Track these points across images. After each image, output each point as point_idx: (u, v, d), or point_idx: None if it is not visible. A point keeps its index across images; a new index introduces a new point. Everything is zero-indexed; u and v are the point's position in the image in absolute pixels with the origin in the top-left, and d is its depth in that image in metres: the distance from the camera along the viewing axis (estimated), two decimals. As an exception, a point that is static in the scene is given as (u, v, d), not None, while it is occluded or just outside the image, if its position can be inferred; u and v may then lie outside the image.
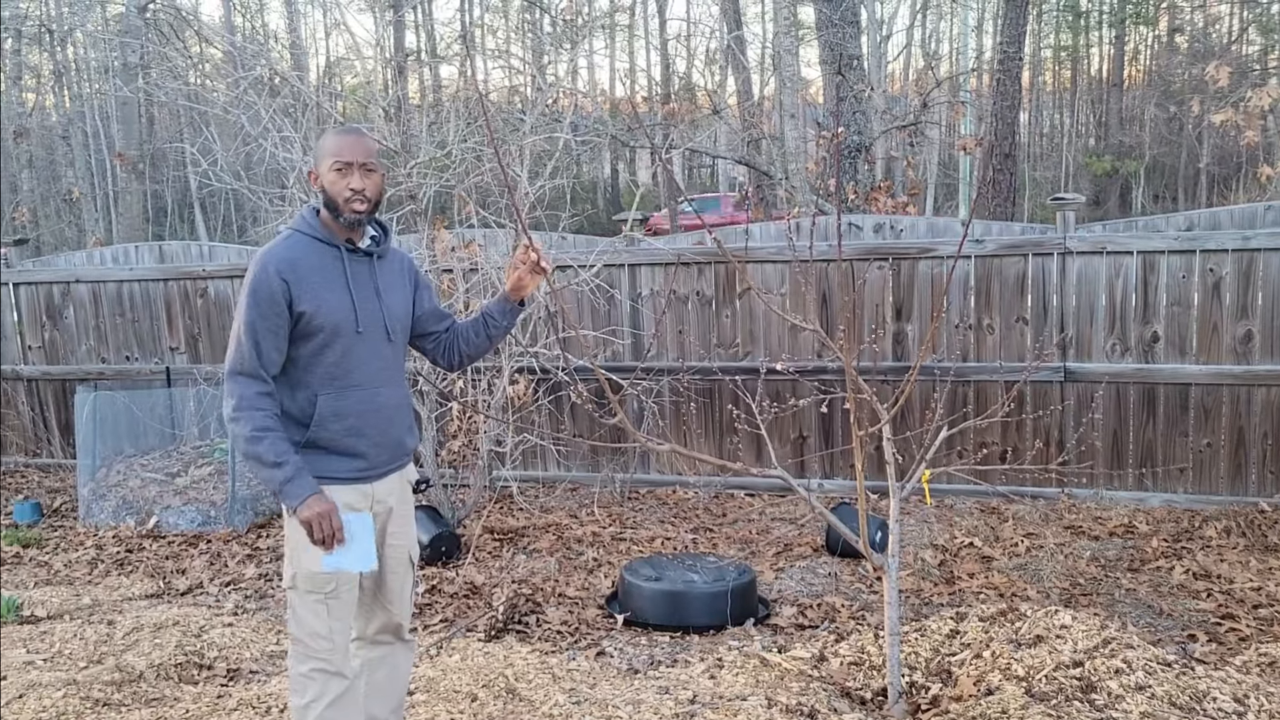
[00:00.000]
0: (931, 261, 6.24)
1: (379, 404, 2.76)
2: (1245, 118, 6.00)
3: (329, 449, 2.69)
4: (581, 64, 27.02)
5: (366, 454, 2.74)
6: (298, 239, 2.71)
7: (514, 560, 5.43)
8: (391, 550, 2.89)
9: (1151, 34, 36.63)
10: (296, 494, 2.58)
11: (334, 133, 2.77)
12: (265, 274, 2.61)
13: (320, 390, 2.68)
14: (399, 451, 2.86)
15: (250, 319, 2.60)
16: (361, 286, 2.74)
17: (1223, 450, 5.98)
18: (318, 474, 2.66)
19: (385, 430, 2.79)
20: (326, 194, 2.70)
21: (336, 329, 2.67)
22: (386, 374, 2.80)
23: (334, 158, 2.67)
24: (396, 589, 2.93)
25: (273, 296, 2.60)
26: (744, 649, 4.07)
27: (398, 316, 2.84)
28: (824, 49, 8.79)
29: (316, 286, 2.65)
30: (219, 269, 7.42)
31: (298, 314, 2.62)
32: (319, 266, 2.68)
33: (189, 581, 5.30)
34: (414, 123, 5.85)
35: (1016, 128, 10.72)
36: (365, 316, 2.72)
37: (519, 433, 6.04)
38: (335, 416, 2.68)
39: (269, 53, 7.86)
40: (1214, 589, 4.75)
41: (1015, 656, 3.55)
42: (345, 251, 2.74)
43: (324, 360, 2.68)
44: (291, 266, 2.64)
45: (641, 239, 6.52)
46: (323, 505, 2.59)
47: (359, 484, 2.74)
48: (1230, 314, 5.88)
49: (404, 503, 2.92)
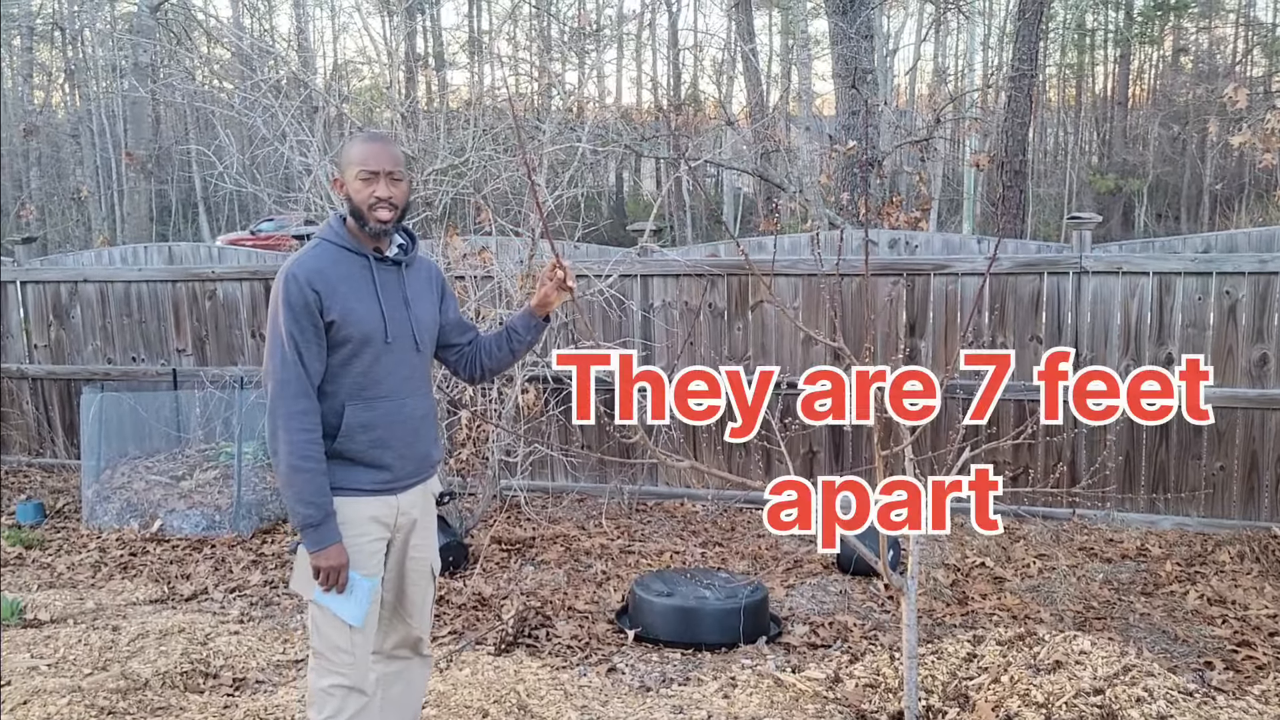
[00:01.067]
0: (946, 278, 6.20)
1: (405, 415, 2.73)
2: (1265, 139, 5.97)
3: (355, 460, 2.66)
4: (593, 73, 26.99)
5: (392, 466, 2.71)
6: (325, 248, 2.68)
7: (522, 571, 5.38)
8: (414, 563, 2.85)
9: (1157, 54, 36.72)
10: (320, 541, 2.57)
11: (360, 140, 2.73)
12: (296, 284, 2.57)
13: (348, 401, 2.64)
14: (425, 464, 2.83)
15: (289, 330, 2.55)
16: (390, 296, 2.71)
17: (1236, 474, 5.94)
18: (343, 485, 2.63)
19: (411, 442, 2.75)
20: (352, 202, 2.66)
21: (366, 339, 2.63)
22: (413, 384, 2.76)
23: (360, 165, 2.63)
24: (418, 602, 2.90)
25: (307, 306, 2.56)
26: (757, 668, 4.02)
27: (426, 326, 2.80)
28: (838, 62, 8.76)
29: (345, 296, 2.61)
30: (228, 271, 7.38)
31: (327, 323, 2.59)
32: (347, 276, 2.64)
33: (194, 587, 5.25)
34: (429, 128, 5.82)
35: (1026, 145, 10.70)
36: (394, 326, 2.68)
37: (529, 443, 6.00)
38: (362, 428, 2.65)
39: (279, 54, 7.84)
40: (1229, 615, 4.70)
41: (1034, 682, 3.50)
42: (373, 260, 2.70)
43: (352, 370, 2.64)
44: (321, 276, 2.60)
45: (655, 249, 6.48)
46: (339, 560, 2.59)
47: (384, 495, 2.71)
48: (1246, 337, 5.85)
49: (427, 514, 2.89)
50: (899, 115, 19.16)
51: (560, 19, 12.87)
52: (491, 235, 5.82)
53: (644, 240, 6.05)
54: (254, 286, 7.35)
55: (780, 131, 10.81)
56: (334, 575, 2.59)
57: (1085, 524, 6.07)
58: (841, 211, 8.25)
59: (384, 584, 2.77)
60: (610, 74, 31.09)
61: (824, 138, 9.22)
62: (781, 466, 6.32)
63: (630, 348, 6.56)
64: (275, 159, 5.98)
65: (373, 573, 2.70)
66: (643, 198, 33.70)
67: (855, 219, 8.20)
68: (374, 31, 24.52)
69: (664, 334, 6.65)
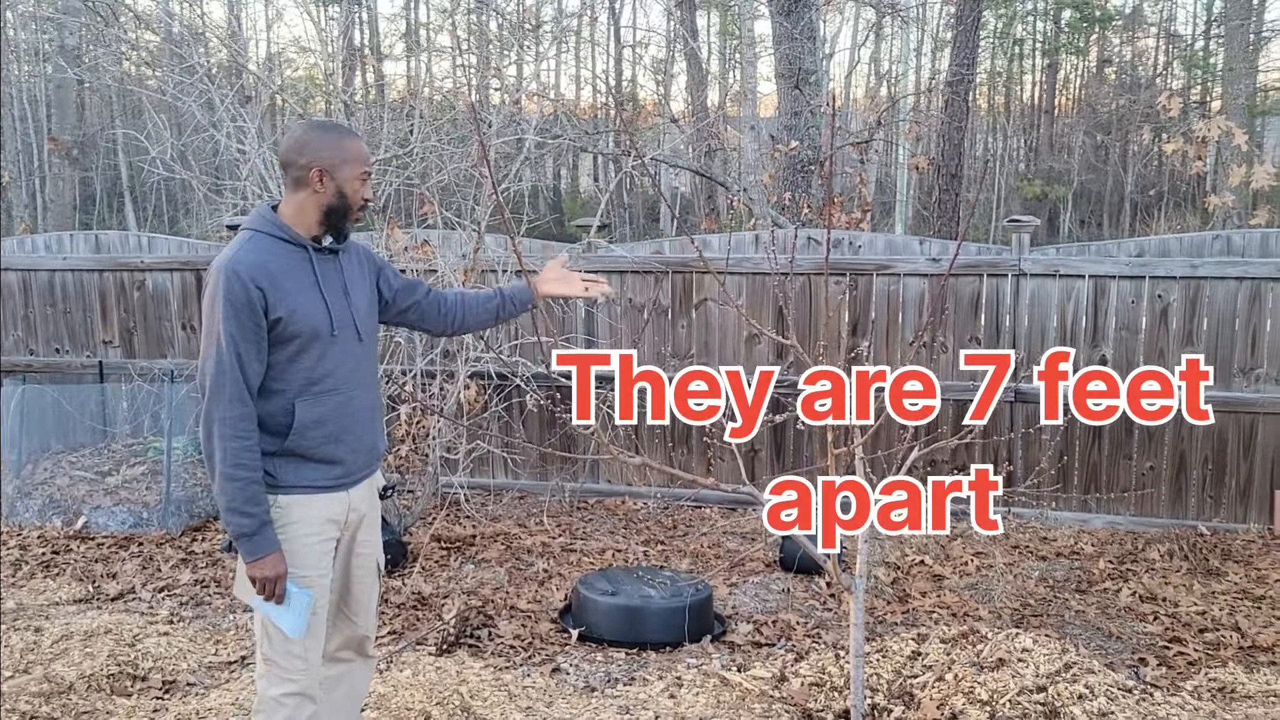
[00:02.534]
0: (888, 278, 6.26)
1: (355, 407, 2.67)
2: (1197, 147, 6.13)
3: (307, 456, 2.58)
4: (536, 68, 26.83)
5: (345, 460, 2.65)
6: (261, 240, 2.56)
7: (462, 570, 5.30)
8: (360, 559, 2.80)
9: (1082, 64, 37.65)
10: (255, 550, 2.48)
11: (351, 137, 2.67)
12: (239, 281, 2.45)
13: (296, 397, 2.56)
14: (373, 456, 2.78)
15: (230, 332, 2.44)
16: (331, 287, 2.63)
17: (1164, 474, 6.08)
18: (295, 484, 2.56)
19: (362, 435, 2.70)
20: (345, 199, 2.60)
21: (313, 333, 2.55)
22: (359, 376, 2.70)
23: (363, 165, 2.63)
24: (364, 600, 2.83)
25: (251, 305, 2.45)
26: (703, 668, 4.01)
27: (365, 315, 2.74)
28: (780, 62, 8.80)
29: (290, 291, 2.52)
30: (158, 261, 7.16)
31: (273, 320, 2.50)
32: (289, 269, 2.55)
33: (120, 586, 5.08)
34: (369, 119, 5.71)
35: (963, 149, 10.87)
36: (338, 318, 2.62)
37: (470, 440, 5.91)
38: (315, 424, 2.58)
39: (214, 38, 7.64)
40: (1160, 612, 4.80)
41: (978, 680, 3.53)
42: (312, 251, 2.61)
43: (299, 366, 2.56)
44: (264, 271, 2.50)
45: (602, 245, 6.44)
46: (275, 570, 2.50)
47: (336, 492, 2.65)
48: (1176, 340, 5.99)
49: (374, 509, 2.83)
50: (839, 117, 19.34)
51: (501, 14, 12.77)
52: (435, 228, 5.72)
53: (590, 236, 6.00)
54: (185, 277, 7.14)
55: (722, 130, 10.84)
56: (270, 586, 2.50)
57: (1021, 523, 6.17)
58: (784, 211, 8.28)
59: (329, 584, 2.69)
60: (551, 69, 30.92)
61: (765, 137, 9.26)
62: (723, 465, 6.33)
63: (574, 344, 6.51)
64: (208, 147, 5.82)
65: (323, 572, 2.63)
66: (581, 195, 33.61)
67: (797, 219, 8.24)
68: (311, 19, 24.06)
69: (609, 330, 6.61)
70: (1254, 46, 27.16)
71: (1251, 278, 5.85)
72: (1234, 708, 3.62)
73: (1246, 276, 5.85)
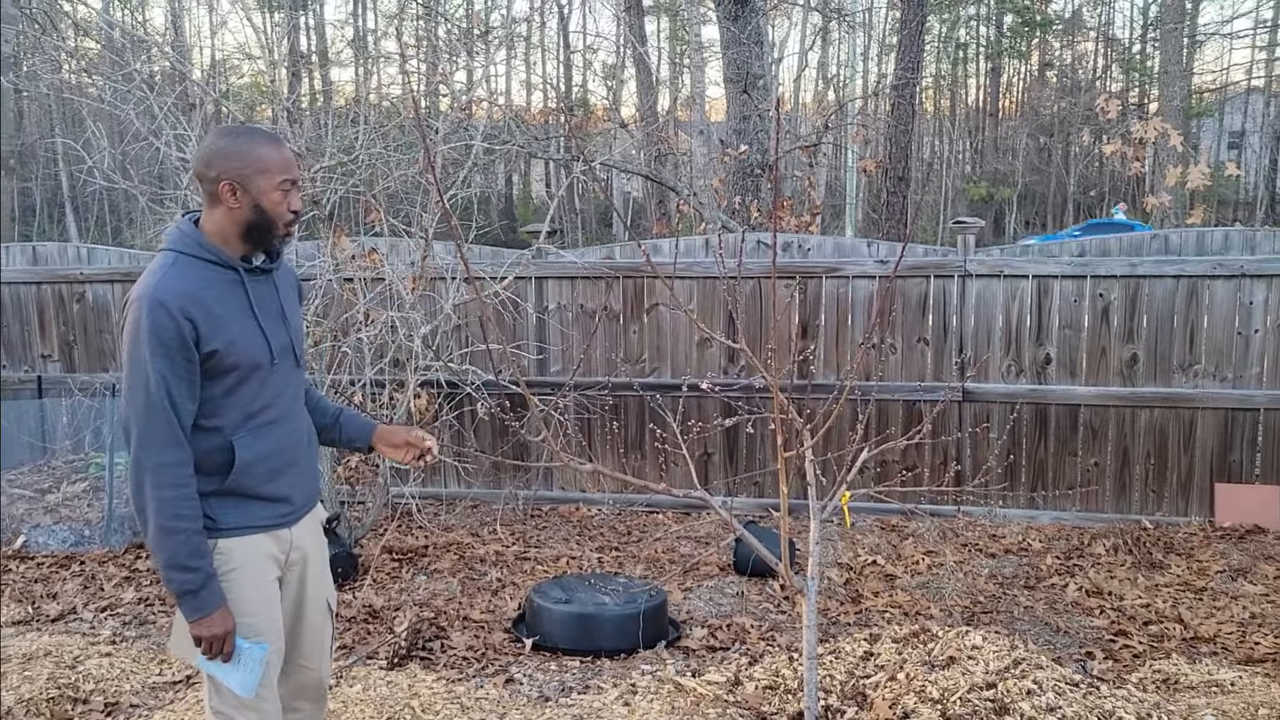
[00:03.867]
0: (837, 281, 6.31)
1: (297, 439, 2.49)
2: (1135, 148, 6.25)
3: (249, 495, 2.37)
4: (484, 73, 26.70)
5: (289, 495, 2.46)
6: (185, 263, 2.30)
7: (414, 582, 5.25)
8: (311, 602, 2.59)
9: (1025, 68, 38.32)
10: (200, 607, 2.26)
11: (266, 143, 2.36)
12: (166, 313, 2.20)
13: (234, 433, 2.34)
14: (313, 489, 2.59)
15: (158, 369, 2.20)
16: (267, 312, 2.40)
17: (1109, 470, 6.19)
18: (236, 525, 2.36)
19: (305, 467, 2.52)
20: (264, 213, 2.33)
21: (253, 364, 2.34)
22: (298, 403, 2.53)
23: (282, 175, 2.33)
24: (316, 644, 2.63)
25: (182, 340, 2.21)
26: (657, 674, 4.00)
27: (301, 338, 2.55)
28: (729, 67, 8.84)
29: (224, 321, 2.29)
30: (98, 272, 7.02)
31: (206, 354, 2.26)
32: (220, 296, 2.31)
33: (61, 607, 4.96)
34: (318, 125, 5.64)
35: (910, 152, 11.00)
36: (277, 344, 2.40)
37: (420, 449, 5.85)
38: (259, 459, 2.37)
39: (154, 45, 7.51)
40: (1106, 606, 4.88)
41: (929, 679, 3.56)
42: (244, 273, 2.37)
43: (237, 400, 2.34)
44: (194, 301, 2.24)
45: (552, 251, 6.42)
46: (223, 627, 2.28)
47: (279, 530, 2.45)
48: (1118, 337, 6.10)
49: (319, 546, 2.64)
50: (787, 120, 19.50)
51: (449, 19, 12.70)
52: (382, 235, 5.67)
53: (540, 242, 5.98)
54: (127, 288, 6.96)
55: (672, 135, 10.87)
56: (218, 644, 2.29)
57: (970, 520, 6.24)
58: (734, 215, 8.32)
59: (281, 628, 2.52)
60: (500, 75, 30.82)
61: (715, 142, 9.30)
62: (676, 469, 6.33)
63: (526, 351, 6.49)
64: (149, 155, 5.71)
65: (275, 617, 2.44)
66: (532, 200, 33.54)
67: (746, 222, 8.28)
68: (255, 26, 23.78)
69: (560, 337, 6.59)
70: (1188, 50, 27.80)
71: (1188, 276, 5.97)
72: (1178, 698, 3.69)
73: (1183, 275, 5.97)
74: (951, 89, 37.79)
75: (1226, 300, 5.97)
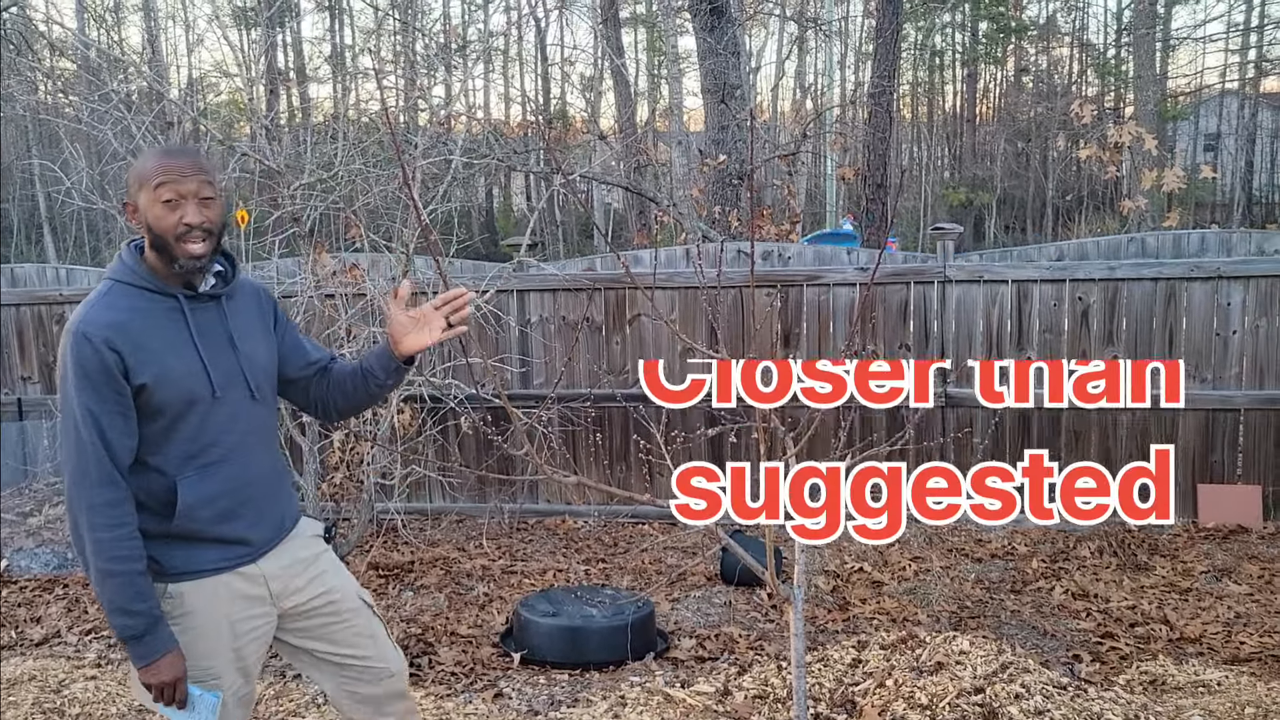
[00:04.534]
0: (818, 289, 6.33)
1: (251, 477, 2.30)
2: (1110, 153, 6.32)
3: (198, 538, 2.23)
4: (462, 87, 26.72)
5: (244, 537, 2.30)
6: (120, 292, 2.19)
7: (401, 598, 5.23)
8: (331, 607, 2.44)
9: (1001, 73, 38.62)
10: (146, 654, 2.13)
11: (155, 154, 2.23)
12: (90, 346, 2.09)
13: (178, 474, 2.20)
14: (281, 527, 2.40)
15: (86, 405, 2.09)
16: (211, 341, 2.24)
17: (1093, 472, 6.21)
18: (188, 569, 2.23)
19: (263, 507, 2.34)
20: (153, 232, 2.17)
21: (189, 399, 2.19)
22: (255, 438, 2.33)
23: (159, 183, 2.14)
24: (366, 635, 2.47)
25: (107, 371, 2.10)
26: (646, 685, 3.99)
27: (261, 367, 2.34)
28: (706, 77, 8.88)
29: (155, 352, 2.15)
30: (77, 293, 6.97)
31: (136, 387, 2.13)
32: (153, 326, 2.17)
33: (45, 630, 4.92)
34: (297, 142, 5.63)
35: (888, 159, 11.07)
36: (221, 376, 2.24)
37: (405, 464, 5.84)
38: (203, 503, 2.22)
39: (131, 64, 7.49)
40: (1092, 608, 4.90)
41: (918, 685, 3.57)
42: (184, 300, 2.22)
43: (177, 437, 2.20)
44: (120, 331, 2.12)
45: (532, 264, 6.43)
46: (172, 674, 2.15)
47: (243, 567, 2.31)
48: (1098, 340, 6.15)
49: (316, 561, 2.47)
50: (765, 130, 19.60)
51: (426, 34, 12.69)
52: (363, 251, 5.66)
53: (521, 255, 5.99)
54: (106, 309, 6.96)
55: (650, 146, 10.91)
56: (168, 691, 2.15)
57: (956, 525, 6.26)
58: (714, 225, 8.35)
59: (313, 658, 2.45)
60: (479, 89, 30.88)
61: (694, 152, 9.33)
62: (663, 480, 6.33)
63: (509, 364, 6.48)
64: (127, 174, 5.69)
65: (235, 662, 2.30)
66: (513, 214, 33.55)
67: (726, 231, 8.31)
68: (232, 44, 23.76)
69: (542, 349, 6.59)
70: (1162, 54, 28.10)
71: (1166, 278, 6.02)
72: (1165, 699, 3.71)
73: (1161, 277, 6.02)
74: (929, 95, 38.03)
75: (1204, 302, 6.02)
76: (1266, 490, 6.07)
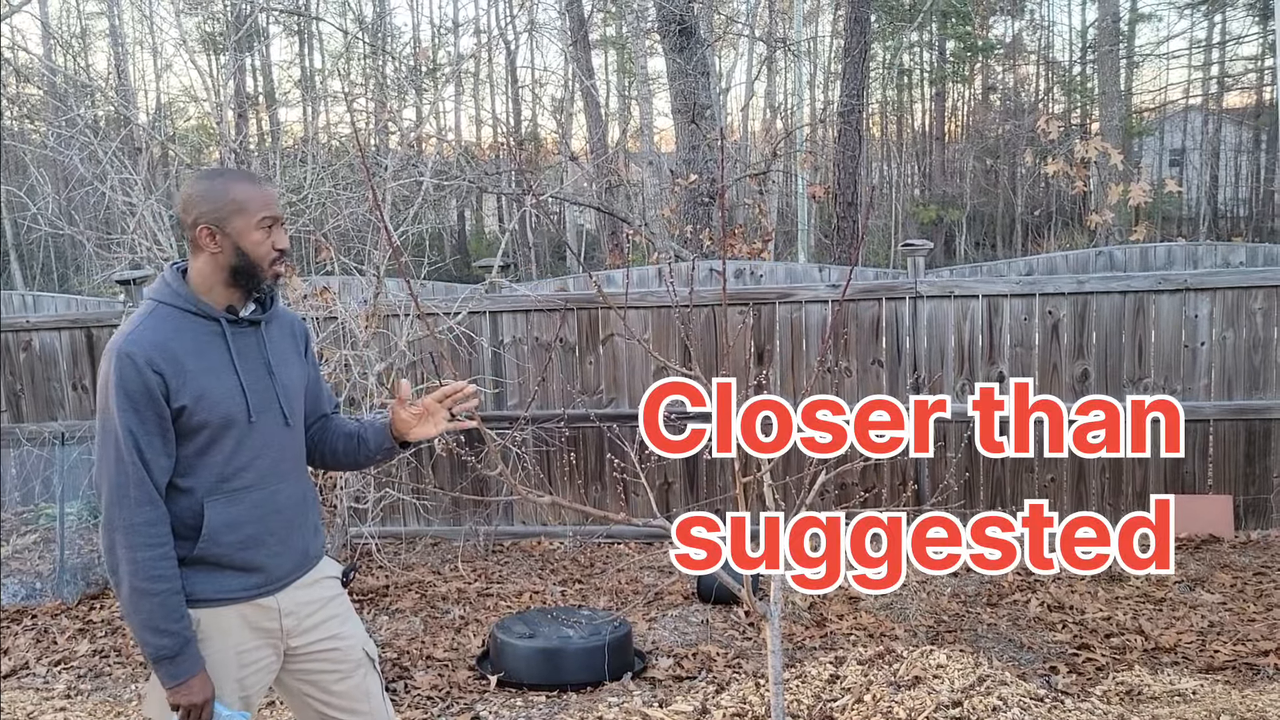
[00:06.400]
0: (790, 306, 6.36)
1: (279, 504, 2.31)
2: (1076, 169, 6.39)
3: (219, 564, 2.23)
4: (432, 110, 26.72)
5: (265, 566, 2.28)
6: (164, 314, 2.20)
7: (376, 622, 5.18)
8: (333, 655, 2.40)
9: (969, 91, 39.07)
10: (178, 674, 2.13)
11: (242, 181, 2.28)
12: (134, 366, 2.11)
13: (207, 496, 2.20)
14: (304, 560, 2.38)
15: (128, 426, 2.10)
16: (250, 365, 2.27)
17: (1065, 485, 6.26)
18: (206, 596, 2.22)
19: (287, 537, 2.32)
20: (247, 257, 2.21)
21: (226, 422, 2.21)
22: (285, 466, 2.33)
23: (262, 213, 2.21)
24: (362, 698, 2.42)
25: (150, 393, 2.11)
26: (624, 705, 3.97)
27: (294, 394, 2.36)
28: (676, 98, 8.94)
29: (197, 375, 2.17)
30: (45, 320, 6.90)
31: (176, 409, 2.15)
32: (195, 348, 2.19)
33: (13, 662, 4.83)
34: (266, 165, 5.61)
35: (858, 177, 11.16)
36: (257, 401, 2.25)
37: (379, 488, 5.80)
38: (228, 527, 2.22)
39: (97, 91, 7.45)
40: (1068, 620, 4.93)
41: (896, 699, 3.57)
42: (226, 324, 2.25)
43: (210, 460, 2.21)
44: (164, 352, 2.14)
45: (505, 285, 6.42)
46: (202, 695, 2.16)
47: (261, 599, 2.29)
48: (1068, 353, 6.20)
49: (330, 604, 2.43)
50: (736, 149, 19.71)
51: (396, 57, 12.75)
52: (333, 274, 5.64)
53: (493, 276, 5.98)
54: (74, 335, 6.89)
55: (622, 166, 10.95)
56: (196, 712, 2.16)
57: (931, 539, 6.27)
58: (686, 244, 8.38)
59: (303, 700, 2.41)
60: (450, 111, 30.93)
61: (665, 172, 9.38)
62: (639, 499, 6.31)
63: (482, 385, 6.45)
64: (94, 200, 5.65)
65: (246, 694, 2.29)
66: (486, 235, 33.51)
67: (698, 250, 8.34)
68: (200, 69, 23.65)
69: (516, 370, 6.57)
70: (1126, 71, 28.54)
71: (1134, 291, 6.09)
72: (1141, 709, 3.72)
73: (1129, 290, 6.09)
74: (898, 114, 38.40)
75: (1172, 314, 6.09)
76: (1237, 500, 6.13)
